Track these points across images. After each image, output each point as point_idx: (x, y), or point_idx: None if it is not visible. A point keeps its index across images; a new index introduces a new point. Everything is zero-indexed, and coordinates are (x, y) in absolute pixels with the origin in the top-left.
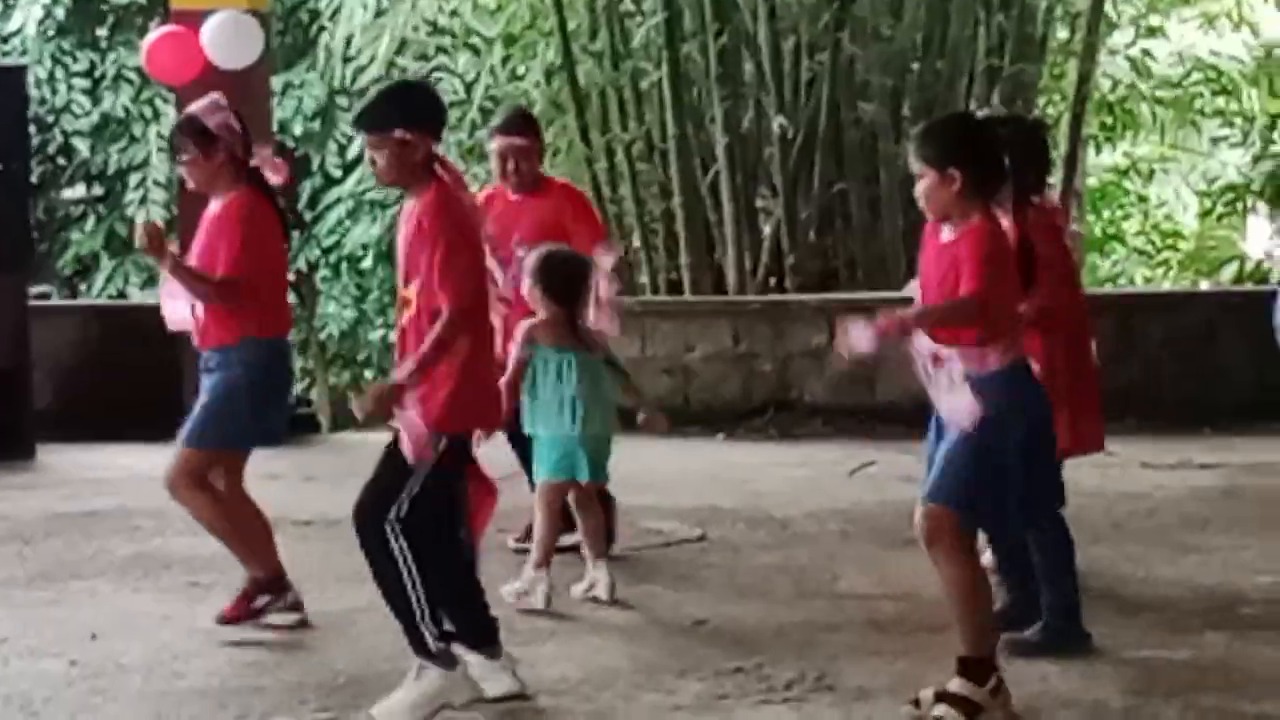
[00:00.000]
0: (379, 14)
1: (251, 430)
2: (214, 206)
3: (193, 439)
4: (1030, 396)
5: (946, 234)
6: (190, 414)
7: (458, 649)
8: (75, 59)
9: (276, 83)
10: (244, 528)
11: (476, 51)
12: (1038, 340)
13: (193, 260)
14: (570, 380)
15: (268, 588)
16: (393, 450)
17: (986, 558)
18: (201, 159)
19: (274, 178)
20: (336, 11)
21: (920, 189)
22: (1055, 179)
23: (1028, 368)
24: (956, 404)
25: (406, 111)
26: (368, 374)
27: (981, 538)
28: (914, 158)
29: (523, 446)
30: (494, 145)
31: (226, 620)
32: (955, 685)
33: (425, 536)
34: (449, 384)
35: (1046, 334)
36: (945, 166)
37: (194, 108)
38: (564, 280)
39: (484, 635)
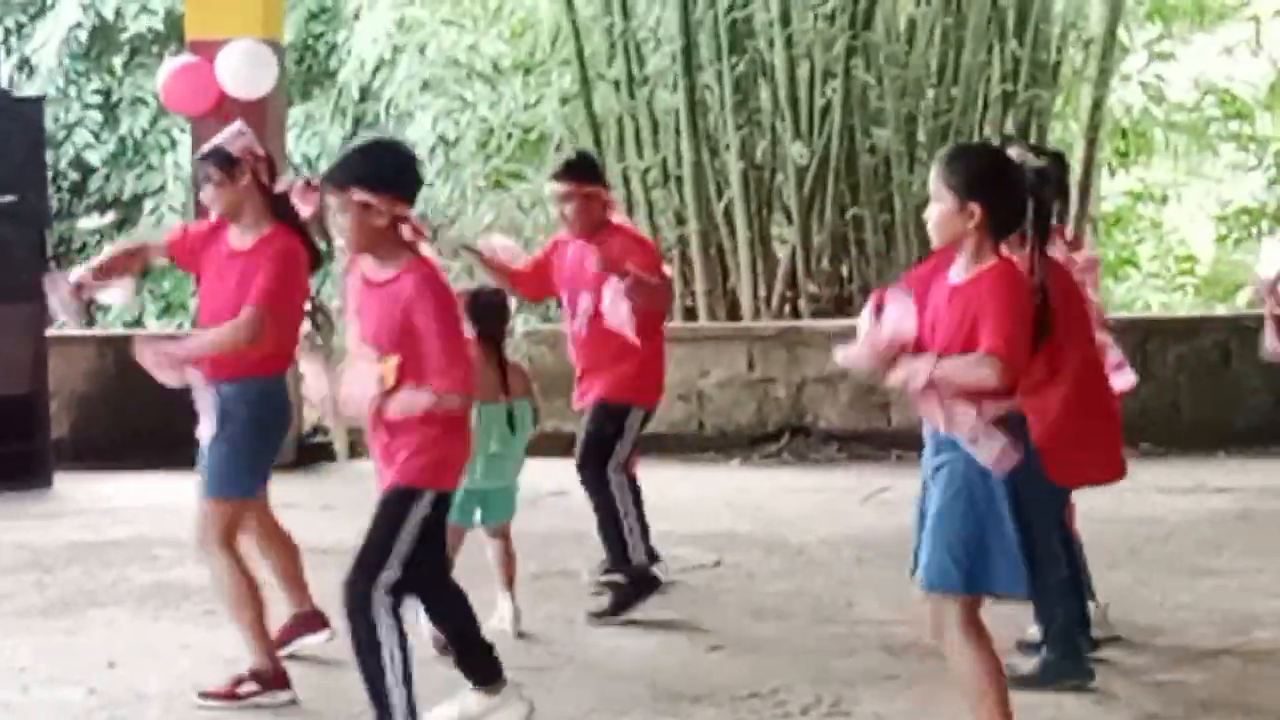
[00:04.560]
0: (396, 49)
1: (257, 475)
2: (243, 241)
3: (217, 488)
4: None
5: (959, 273)
6: (203, 461)
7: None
8: (90, 80)
9: (298, 114)
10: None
11: (493, 84)
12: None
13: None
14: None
15: (260, 679)
16: (385, 505)
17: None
18: (227, 182)
19: (304, 209)
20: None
21: (933, 214)
22: (1069, 209)
23: (1022, 420)
24: (988, 451)
25: (370, 171)
26: None
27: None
28: (936, 181)
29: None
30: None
31: (208, 695)
32: None
33: (427, 587)
34: (441, 442)
35: (1056, 383)
36: (967, 198)
37: (217, 138)
38: (485, 315)
39: (486, 673)
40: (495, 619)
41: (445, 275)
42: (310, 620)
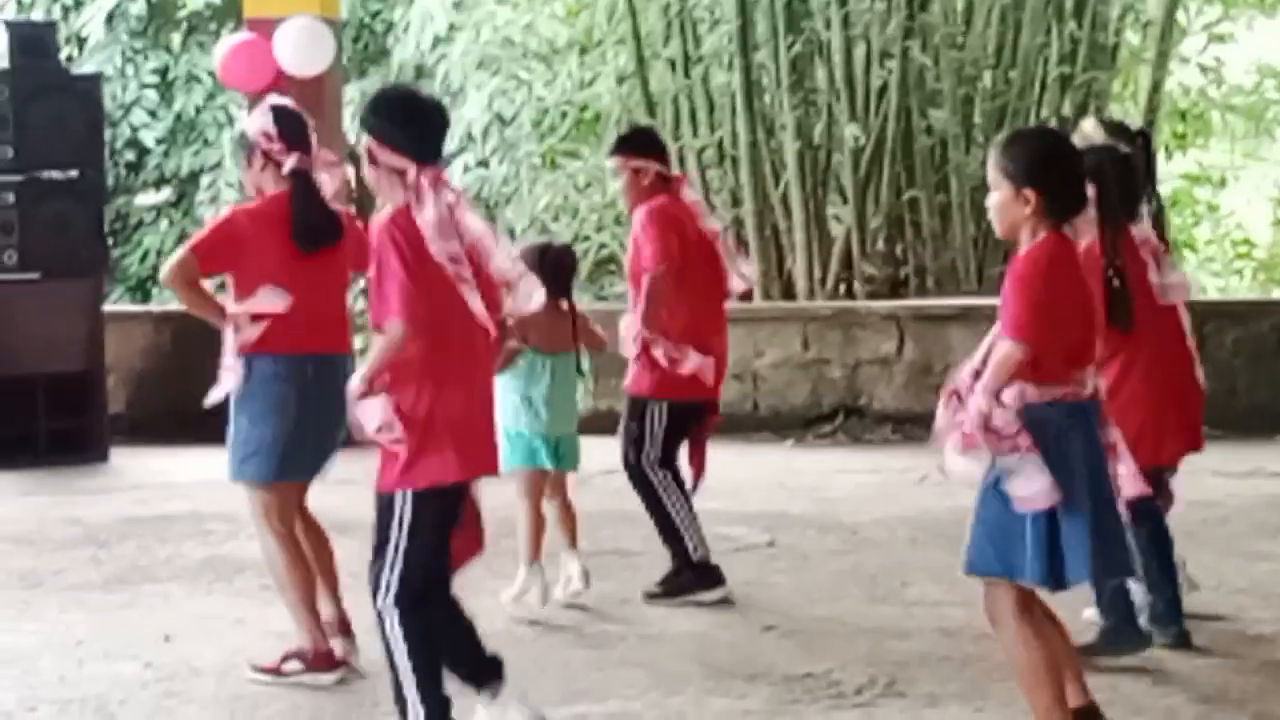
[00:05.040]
0: (452, 26)
1: (265, 460)
2: None
3: (230, 470)
4: (1077, 439)
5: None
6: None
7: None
8: (147, 58)
9: (353, 91)
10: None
11: (548, 63)
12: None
13: None
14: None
15: (303, 658)
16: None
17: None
18: (245, 166)
19: (328, 182)
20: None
21: (993, 202)
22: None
23: (1083, 409)
24: (1029, 488)
25: (376, 120)
26: None
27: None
28: (993, 169)
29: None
30: None
31: (258, 668)
32: None
33: (420, 607)
34: (409, 443)
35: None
36: (1022, 185)
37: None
38: (554, 269)
39: (487, 674)
40: (560, 585)
41: (425, 217)
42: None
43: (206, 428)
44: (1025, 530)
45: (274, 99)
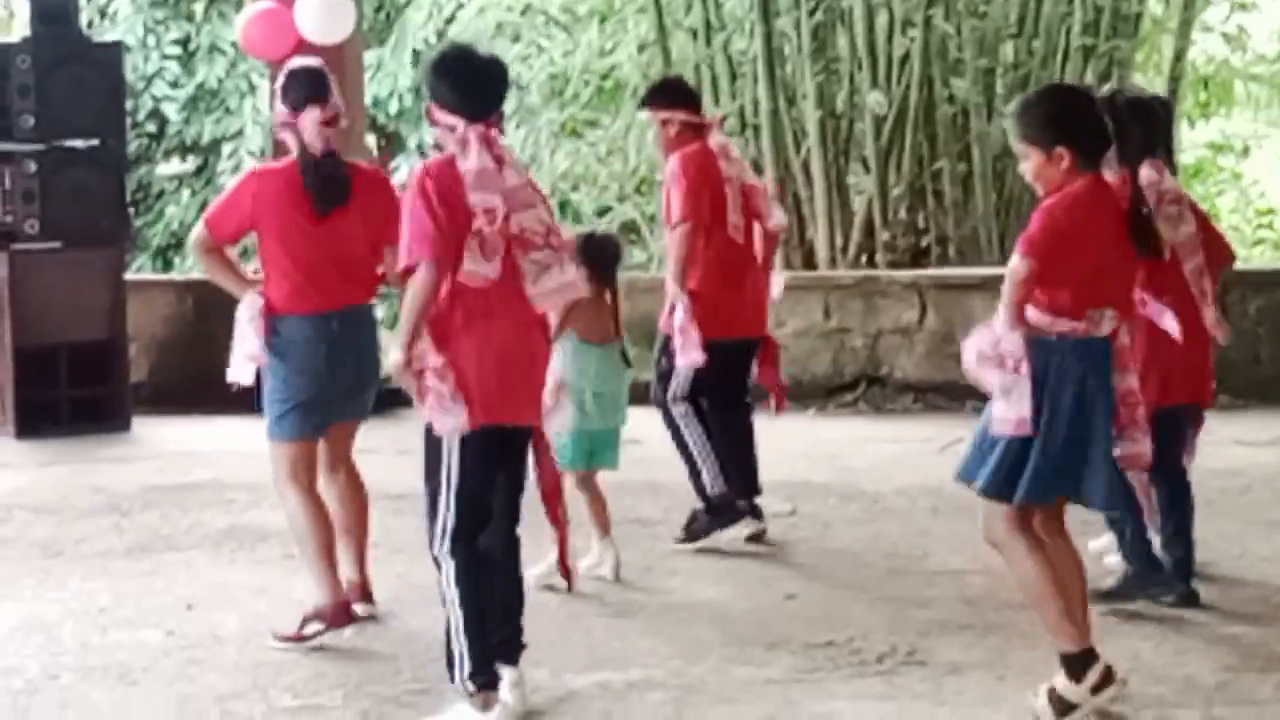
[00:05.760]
0: None
1: (319, 415)
2: None
3: (271, 430)
4: (1079, 376)
5: None
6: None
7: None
8: (168, 29)
9: (370, 58)
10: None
11: (568, 30)
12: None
13: None
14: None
15: (318, 615)
16: (429, 449)
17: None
18: (275, 131)
19: (315, 143)
20: None
21: (1029, 169)
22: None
23: (1093, 347)
24: (1009, 411)
25: (427, 80)
26: None
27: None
28: (1017, 140)
29: None
30: None
31: (284, 638)
32: (1056, 680)
33: (473, 553)
34: (452, 382)
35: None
36: (1053, 145)
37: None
38: (597, 257)
39: (512, 652)
40: (587, 565)
41: (467, 165)
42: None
43: (229, 397)
44: (996, 444)
45: (294, 60)
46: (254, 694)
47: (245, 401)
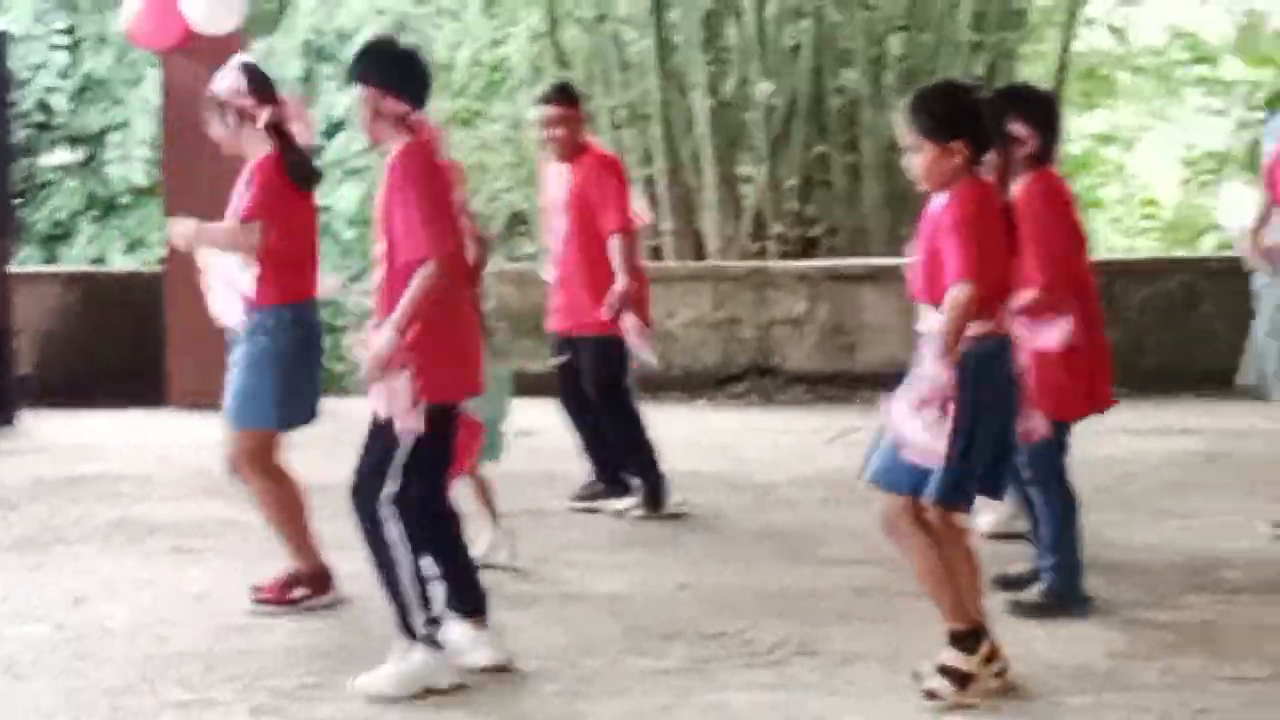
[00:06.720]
0: None
1: (285, 406)
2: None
3: (235, 419)
4: (1003, 364)
5: (936, 203)
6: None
7: (445, 630)
8: (54, 20)
9: (260, 48)
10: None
11: (458, 19)
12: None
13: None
14: None
15: (308, 582)
16: (378, 425)
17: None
18: (219, 127)
19: (302, 132)
20: None
21: (918, 163)
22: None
23: (1005, 341)
24: (923, 446)
25: (374, 69)
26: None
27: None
28: (910, 132)
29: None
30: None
31: (263, 598)
32: (946, 656)
33: (419, 511)
34: (426, 354)
35: (1062, 306)
36: (948, 139)
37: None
38: None
39: (473, 604)
40: (482, 553)
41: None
42: (308, 579)
43: (116, 389)
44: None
45: (241, 58)
46: (143, 687)
47: (132, 394)
